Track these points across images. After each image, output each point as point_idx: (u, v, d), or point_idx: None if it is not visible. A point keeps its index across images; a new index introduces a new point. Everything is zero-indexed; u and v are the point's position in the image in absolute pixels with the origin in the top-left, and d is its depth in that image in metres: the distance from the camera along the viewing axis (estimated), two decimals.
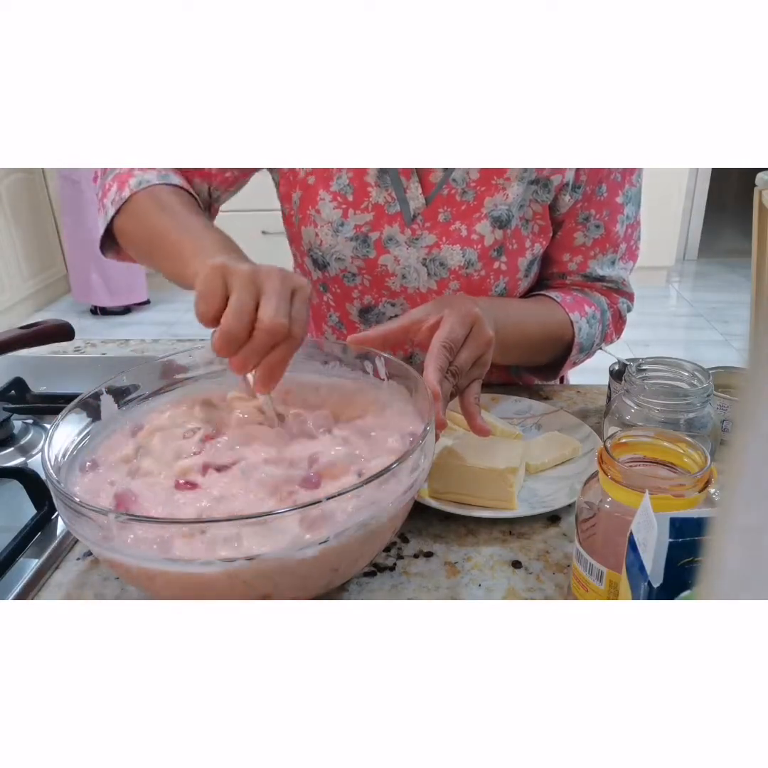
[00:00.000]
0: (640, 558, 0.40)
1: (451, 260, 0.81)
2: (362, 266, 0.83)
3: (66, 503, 0.47)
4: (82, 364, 1.03)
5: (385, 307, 0.85)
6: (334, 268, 0.84)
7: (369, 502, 0.49)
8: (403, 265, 0.82)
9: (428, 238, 0.81)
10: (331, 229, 0.82)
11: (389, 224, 0.81)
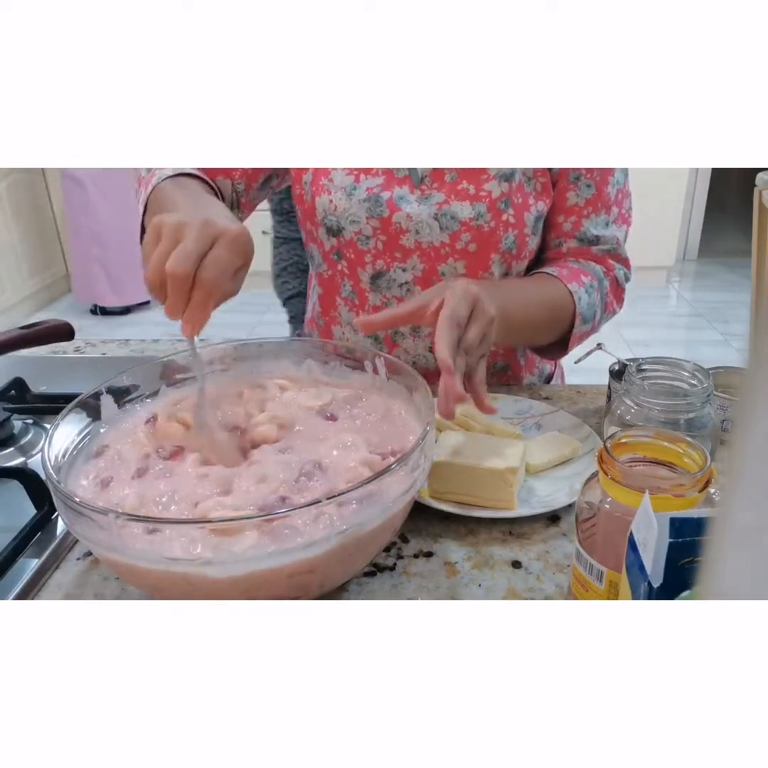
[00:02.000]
0: (640, 558, 0.40)
1: (462, 213, 0.84)
2: (377, 226, 0.85)
3: (66, 503, 0.47)
4: (82, 364, 1.03)
5: (396, 273, 0.87)
6: (348, 231, 0.87)
7: (369, 502, 0.49)
8: (416, 221, 0.84)
9: (437, 197, 0.84)
10: (344, 193, 0.85)
11: (399, 186, 0.85)
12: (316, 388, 0.69)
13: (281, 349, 0.73)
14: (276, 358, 0.73)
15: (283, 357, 0.73)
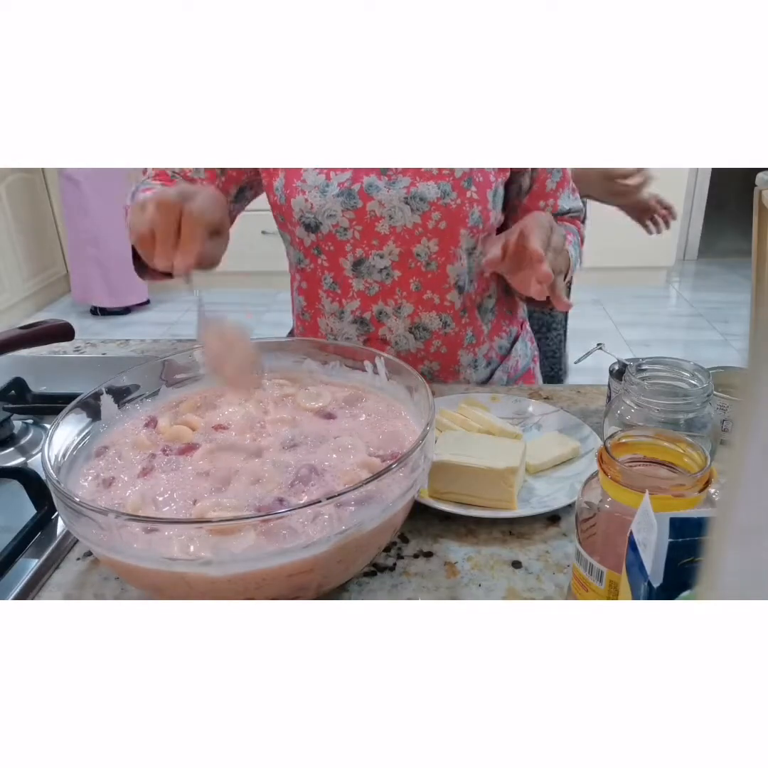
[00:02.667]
0: (640, 558, 0.40)
1: (429, 194, 0.89)
2: (353, 218, 0.90)
3: (66, 503, 0.47)
4: (82, 364, 1.03)
5: (374, 260, 0.92)
6: (326, 225, 0.91)
7: (368, 502, 0.49)
8: (388, 206, 0.89)
9: (404, 180, 0.89)
10: (318, 191, 0.90)
11: (366, 175, 0.89)
12: (315, 388, 0.69)
13: (281, 349, 0.73)
14: (276, 358, 0.73)
15: (283, 357, 0.73)
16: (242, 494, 0.53)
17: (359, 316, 0.94)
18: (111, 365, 1.00)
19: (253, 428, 0.62)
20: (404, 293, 0.92)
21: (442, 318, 0.93)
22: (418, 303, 0.92)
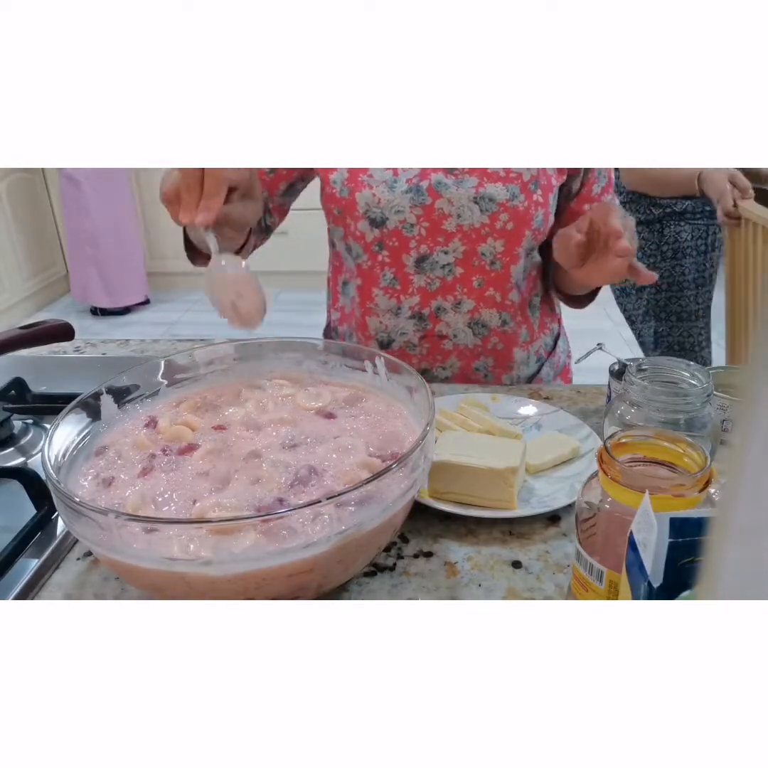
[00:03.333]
0: (640, 558, 0.40)
1: (498, 195, 0.90)
2: (420, 214, 0.90)
3: (66, 503, 0.47)
4: (82, 364, 1.03)
5: (438, 256, 0.92)
6: (393, 221, 0.91)
7: (368, 502, 0.49)
8: (457, 205, 0.90)
9: (471, 181, 0.90)
10: (386, 186, 0.90)
11: (434, 173, 0.90)
12: (315, 388, 0.69)
13: (281, 349, 0.73)
14: (276, 358, 0.73)
15: (283, 357, 0.73)
16: (242, 494, 0.53)
17: (417, 312, 0.95)
18: (111, 365, 1.00)
19: (253, 428, 0.62)
20: (465, 290, 0.93)
21: (502, 316, 0.95)
22: (479, 299, 0.93)
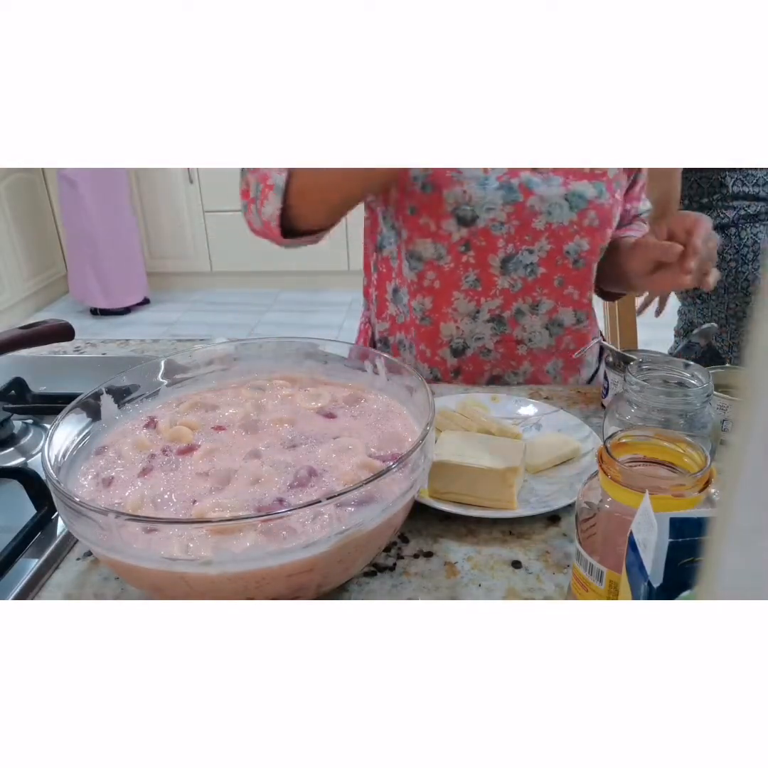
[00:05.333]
0: (640, 558, 0.40)
1: (587, 192, 0.90)
2: (511, 212, 0.90)
3: (66, 503, 0.47)
4: (82, 364, 1.03)
5: (524, 255, 0.92)
6: (483, 219, 0.90)
7: (368, 503, 0.49)
8: (549, 202, 0.90)
9: (557, 179, 0.90)
10: (477, 183, 0.89)
11: (523, 172, 0.90)
12: (315, 388, 0.69)
13: (281, 349, 0.73)
14: (276, 358, 0.73)
15: (283, 357, 0.73)
16: (242, 494, 0.53)
17: (497, 315, 0.94)
18: (111, 365, 1.00)
19: (252, 428, 0.62)
20: (545, 291, 0.93)
21: (577, 314, 0.95)
22: (558, 299, 0.93)
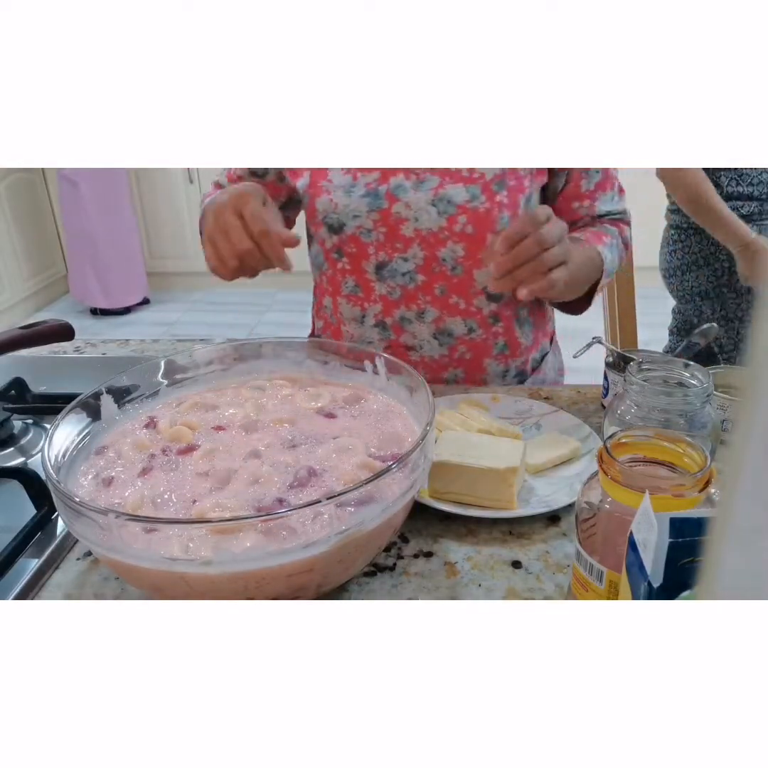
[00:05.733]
0: (640, 558, 0.40)
1: (457, 197, 0.86)
2: (377, 219, 0.88)
3: (66, 503, 0.47)
4: (82, 364, 1.03)
5: (398, 263, 0.90)
6: (350, 226, 0.89)
7: (368, 503, 0.49)
8: (414, 208, 0.87)
9: (432, 181, 0.86)
10: (343, 191, 0.88)
11: (393, 175, 0.87)
12: (315, 388, 0.69)
13: (281, 349, 0.73)
14: (276, 358, 0.73)
15: (283, 357, 0.73)
16: (242, 494, 0.53)
17: (381, 321, 0.92)
18: (111, 365, 1.00)
19: (252, 428, 0.62)
20: (428, 298, 0.90)
21: (467, 323, 0.91)
22: (443, 308, 0.90)
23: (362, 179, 0.88)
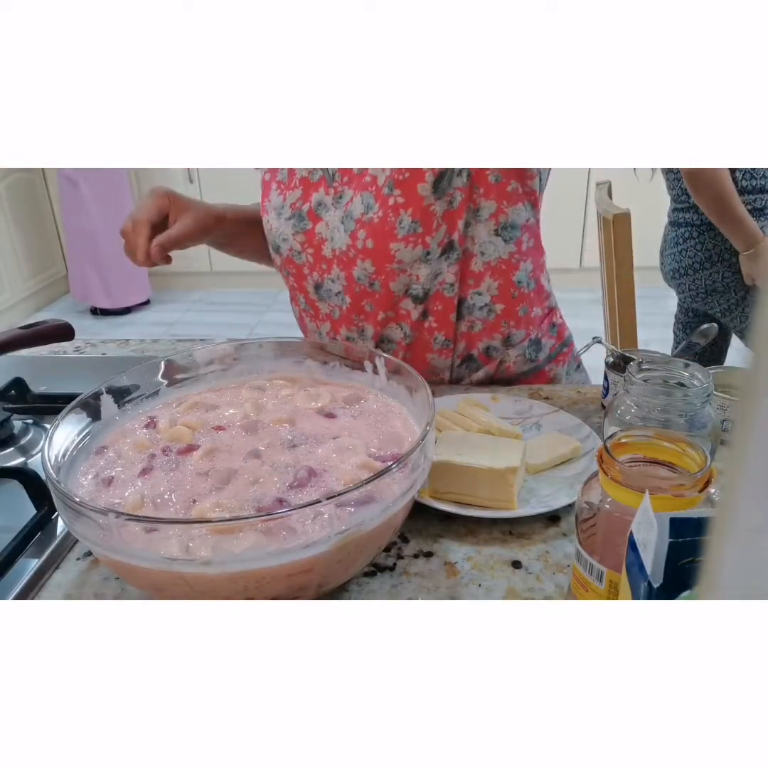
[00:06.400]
0: (640, 558, 0.40)
1: (355, 210, 0.81)
2: (303, 240, 0.86)
3: (66, 503, 0.47)
4: (82, 364, 1.03)
5: (328, 284, 0.88)
6: (284, 249, 0.89)
7: (369, 502, 0.49)
8: (331, 227, 0.85)
9: (348, 194, 0.83)
10: (276, 213, 0.88)
11: (315, 191, 0.85)
12: (315, 389, 0.69)
13: (281, 349, 0.73)
14: (276, 358, 0.73)
15: (283, 357, 0.73)
16: (242, 494, 0.53)
17: (333, 338, 0.92)
18: (111, 365, 1.00)
19: (252, 428, 0.62)
20: (361, 316, 0.87)
21: (403, 328, 0.87)
22: (376, 324, 0.87)
23: (289, 199, 0.86)
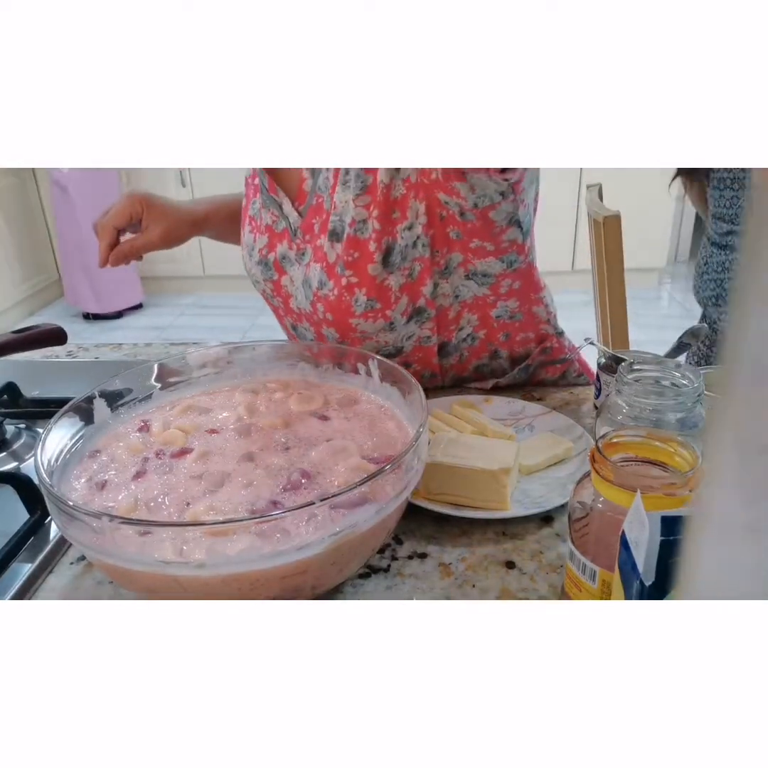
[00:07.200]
0: (632, 557, 0.40)
1: (314, 279, 0.78)
2: (272, 288, 0.85)
3: (59, 507, 0.47)
4: (75, 368, 1.03)
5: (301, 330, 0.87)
6: (259, 288, 0.88)
7: (362, 504, 0.49)
8: (297, 285, 0.82)
9: (309, 253, 0.79)
10: (248, 252, 0.86)
11: (279, 242, 0.82)
12: (308, 391, 0.69)
13: (274, 352, 0.73)
14: (269, 361, 0.73)
15: (276, 360, 0.73)
16: (235, 497, 0.53)
17: None
18: (104, 369, 1.00)
19: (246, 431, 0.62)
20: None
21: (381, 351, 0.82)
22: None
23: (258, 242, 0.84)
